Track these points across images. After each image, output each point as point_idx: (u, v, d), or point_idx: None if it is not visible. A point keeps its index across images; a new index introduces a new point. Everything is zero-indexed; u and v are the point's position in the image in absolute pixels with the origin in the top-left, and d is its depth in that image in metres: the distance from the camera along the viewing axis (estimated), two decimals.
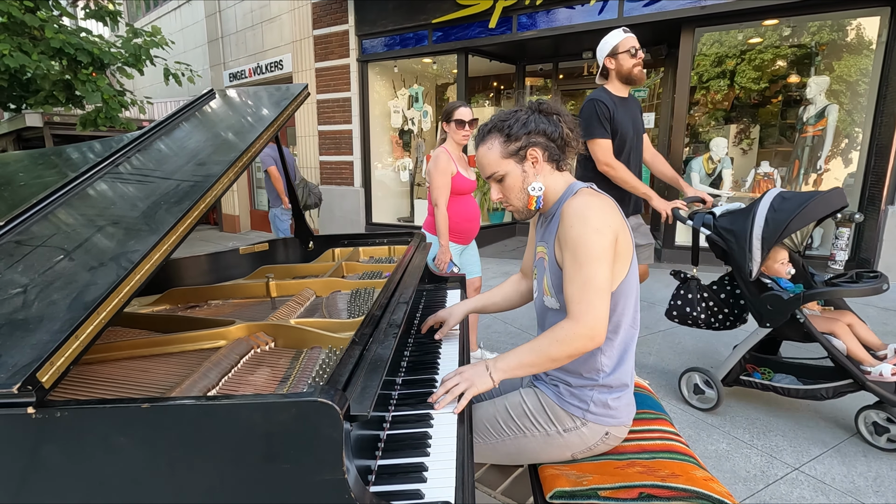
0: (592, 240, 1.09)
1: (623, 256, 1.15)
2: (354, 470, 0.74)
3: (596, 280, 1.08)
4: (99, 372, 1.12)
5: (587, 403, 1.21)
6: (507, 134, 1.21)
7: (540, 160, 1.22)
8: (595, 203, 1.14)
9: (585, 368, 1.21)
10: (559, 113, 1.23)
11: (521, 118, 1.21)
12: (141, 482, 0.73)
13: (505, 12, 5.61)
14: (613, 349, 1.21)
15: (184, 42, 9.82)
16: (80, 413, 0.72)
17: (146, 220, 1.09)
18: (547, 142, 1.21)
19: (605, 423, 1.22)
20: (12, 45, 4.99)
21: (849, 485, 1.85)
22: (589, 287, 1.08)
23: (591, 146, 2.42)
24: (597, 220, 1.11)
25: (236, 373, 1.12)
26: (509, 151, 1.22)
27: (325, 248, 2.27)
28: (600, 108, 2.37)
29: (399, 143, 7.41)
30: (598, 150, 2.40)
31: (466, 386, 1.13)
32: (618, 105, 2.43)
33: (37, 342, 0.75)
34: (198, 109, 1.81)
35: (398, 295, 1.39)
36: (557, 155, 1.23)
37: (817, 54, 5.18)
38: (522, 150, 1.21)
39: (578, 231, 1.10)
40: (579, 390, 1.22)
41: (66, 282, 0.89)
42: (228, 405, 0.72)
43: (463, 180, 2.65)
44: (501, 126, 1.22)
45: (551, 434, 1.23)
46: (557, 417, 1.23)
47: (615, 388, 1.22)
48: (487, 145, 1.25)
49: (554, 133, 1.21)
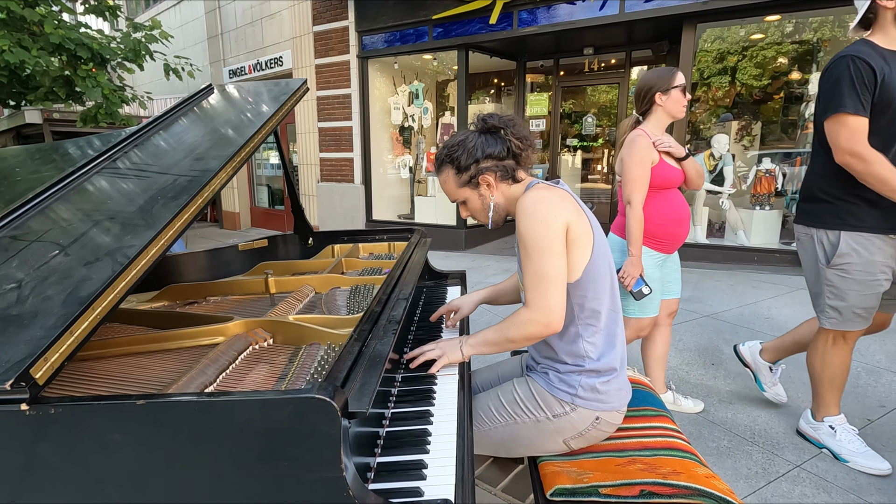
0: (539, 232, 1.13)
1: (580, 244, 1.18)
2: (353, 467, 0.73)
3: (545, 270, 1.13)
4: (96, 369, 1.11)
5: (575, 388, 1.23)
6: (456, 166, 1.27)
7: (493, 182, 1.27)
8: (542, 196, 1.17)
9: (571, 356, 1.23)
10: (505, 126, 1.26)
11: (468, 147, 1.26)
12: (137, 480, 0.72)
13: (506, 8, 5.58)
14: (597, 335, 1.22)
15: (183, 38, 9.79)
16: (74, 410, 0.71)
17: (143, 215, 1.08)
18: (496, 163, 1.26)
19: (594, 408, 1.23)
20: (11, 40, 4.97)
21: (851, 482, 1.85)
22: (540, 277, 1.13)
23: (833, 125, 1.68)
24: (543, 211, 1.14)
25: (234, 369, 1.11)
26: (462, 181, 1.28)
27: (324, 244, 2.26)
28: (858, 69, 1.61)
29: (399, 139, 7.39)
30: (842, 132, 1.66)
31: (439, 354, 1.25)
32: (891, 63, 1.62)
33: (30, 338, 0.74)
34: (196, 104, 1.80)
35: (398, 291, 1.38)
36: (511, 171, 1.27)
37: (819, 50, 5.15)
38: (474, 179, 1.27)
39: (525, 224, 1.15)
40: (567, 376, 1.24)
41: (62, 277, 0.88)
42: (225, 402, 0.71)
43: (667, 170, 2.04)
44: (451, 159, 1.28)
45: (541, 420, 1.25)
46: (547, 404, 1.25)
47: (603, 372, 1.23)
48: (443, 178, 1.32)
49: (502, 152, 1.26)
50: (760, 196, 5.30)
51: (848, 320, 1.85)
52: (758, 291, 4.18)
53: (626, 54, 6.39)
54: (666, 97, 2.00)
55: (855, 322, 1.84)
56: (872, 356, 2.90)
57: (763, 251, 5.09)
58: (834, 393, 1.99)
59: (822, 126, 1.75)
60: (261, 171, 9.34)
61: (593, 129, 7.07)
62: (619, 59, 6.57)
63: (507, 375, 1.48)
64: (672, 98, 1.99)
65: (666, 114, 2.04)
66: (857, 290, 1.80)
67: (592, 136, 7.16)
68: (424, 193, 7.12)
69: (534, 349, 1.36)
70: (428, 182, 7.02)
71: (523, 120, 7.02)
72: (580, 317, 1.21)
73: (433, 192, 6.92)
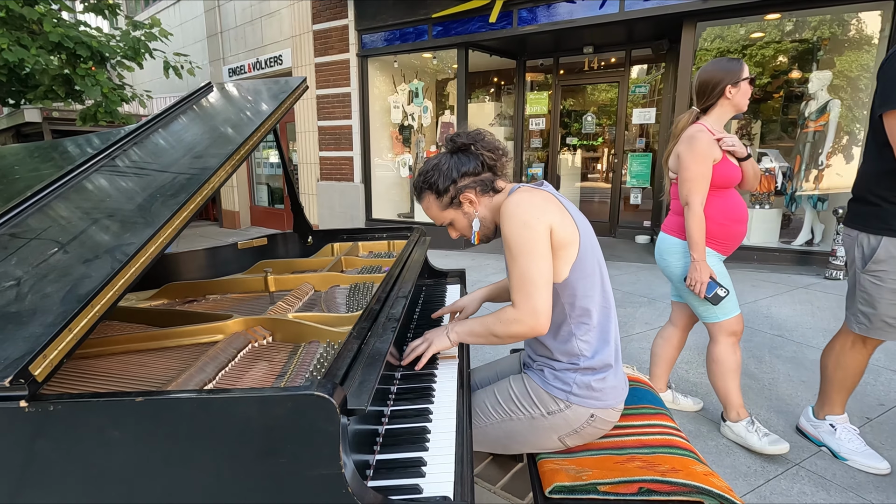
0: (521, 234, 1.14)
1: (565, 244, 1.18)
2: (352, 464, 0.73)
3: (529, 272, 1.13)
4: (96, 366, 1.11)
5: (570, 385, 1.23)
6: (436, 191, 1.29)
7: (474, 198, 1.29)
8: (524, 199, 1.18)
9: (565, 354, 1.24)
10: (474, 141, 1.28)
11: (442, 170, 1.28)
12: (136, 476, 0.72)
13: (505, 7, 5.57)
14: (591, 333, 1.23)
15: (183, 37, 9.77)
16: (73, 407, 0.71)
17: (142, 212, 1.08)
18: (474, 179, 1.28)
19: (589, 406, 1.23)
20: (11, 39, 4.96)
21: (850, 480, 1.85)
22: (525, 280, 1.14)
23: (891, 120, 1.59)
24: (525, 214, 1.15)
25: (234, 367, 1.11)
26: (444, 204, 1.31)
27: (324, 242, 2.26)
28: None
29: (399, 138, 7.38)
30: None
31: (426, 346, 1.28)
32: None
33: (29, 335, 0.74)
34: (195, 103, 1.80)
35: (397, 289, 1.38)
36: (490, 183, 1.29)
37: (819, 49, 5.15)
38: (455, 199, 1.29)
39: (508, 228, 1.16)
40: (562, 373, 1.24)
41: (61, 275, 0.88)
42: (224, 399, 0.71)
43: (729, 168, 1.91)
44: (428, 184, 1.30)
45: (535, 417, 1.26)
46: (542, 401, 1.25)
47: (598, 369, 1.23)
48: (425, 204, 1.34)
49: (477, 167, 1.27)
50: (760, 195, 5.31)
51: (876, 328, 1.79)
52: (757, 290, 4.19)
53: (626, 53, 6.38)
54: (736, 90, 1.90)
55: (883, 331, 1.78)
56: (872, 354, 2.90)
57: (762, 250, 5.09)
58: (842, 394, 1.97)
59: (878, 122, 1.66)
60: (260, 170, 9.33)
61: (593, 127, 7.06)
62: (619, 57, 6.57)
63: (506, 373, 1.49)
64: (742, 91, 1.90)
65: (732, 107, 1.94)
66: (888, 300, 1.73)
67: (592, 135, 7.15)
68: None
69: (529, 348, 1.36)
70: None
71: (523, 119, 7.03)
72: (572, 315, 1.21)
73: None
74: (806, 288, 4.25)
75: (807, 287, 4.27)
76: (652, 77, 6.81)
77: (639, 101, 6.65)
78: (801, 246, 5.08)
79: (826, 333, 3.23)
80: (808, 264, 4.91)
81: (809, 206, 5.04)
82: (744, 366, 2.79)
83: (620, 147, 6.72)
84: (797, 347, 3.04)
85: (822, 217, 5.10)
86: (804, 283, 4.41)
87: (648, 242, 6.34)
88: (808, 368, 2.75)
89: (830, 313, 3.61)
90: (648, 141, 6.79)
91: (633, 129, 6.84)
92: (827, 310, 3.69)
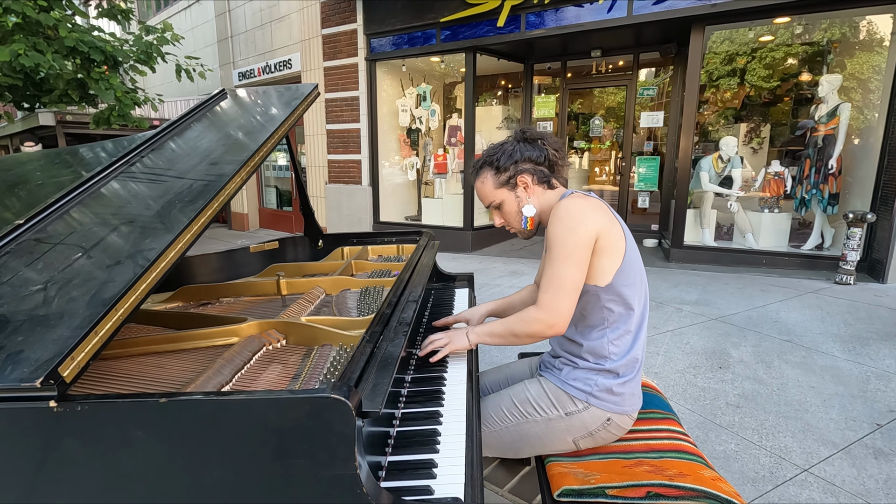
0: (566, 239, 1.17)
1: (611, 251, 1.21)
2: (366, 465, 0.75)
3: (562, 276, 1.16)
4: (116, 367, 1.14)
5: (591, 387, 1.25)
6: (496, 167, 1.33)
7: (530, 184, 1.32)
8: (576, 204, 1.21)
9: (593, 354, 1.26)
10: (543, 137, 1.34)
11: (507, 150, 1.32)
12: (158, 475, 0.74)
13: (513, 11, 5.59)
14: (623, 339, 1.25)
15: (194, 41, 9.89)
16: (99, 407, 0.74)
17: (161, 218, 1.11)
18: (534, 167, 1.32)
19: (607, 409, 1.25)
20: (27, 44, 5.05)
21: (859, 487, 1.84)
22: (555, 282, 1.17)
23: None
24: (573, 220, 1.18)
25: (249, 369, 1.14)
26: (501, 182, 1.34)
27: (334, 246, 2.29)
28: None
29: (407, 141, 7.42)
30: None
31: (446, 342, 1.31)
32: None
33: (58, 338, 0.77)
34: (209, 109, 1.83)
35: (407, 293, 1.40)
36: (547, 176, 1.33)
37: (829, 52, 5.12)
38: (512, 179, 1.32)
39: (553, 229, 1.20)
40: (585, 373, 1.26)
41: (85, 279, 0.91)
42: (244, 401, 0.74)
43: None
44: (491, 160, 1.34)
45: (553, 418, 1.27)
46: (560, 401, 1.27)
47: (621, 374, 1.25)
48: (481, 179, 1.37)
49: (540, 157, 1.32)
50: (769, 199, 5.28)
51: None
52: (766, 295, 4.17)
53: (634, 56, 6.38)
54: None
55: None
56: (882, 361, 2.88)
57: (772, 254, 5.06)
58: None
59: None
60: (269, 173, 9.41)
61: (600, 131, 7.06)
62: (626, 61, 6.57)
63: (516, 377, 1.50)
64: None
65: None
66: None
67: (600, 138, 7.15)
68: (432, 195, 7.14)
69: (556, 343, 1.38)
70: (435, 184, 7.05)
71: (530, 122, 7.03)
72: (609, 319, 1.24)
73: (440, 194, 6.94)
74: (815, 293, 4.22)
75: (816, 292, 4.24)
76: (660, 80, 6.79)
77: (647, 104, 6.64)
78: (810, 250, 5.04)
79: (835, 339, 3.21)
80: (817, 269, 4.87)
81: (819, 211, 5.01)
82: (752, 371, 2.79)
83: (628, 150, 6.71)
84: (806, 353, 3.02)
85: (831, 221, 5.06)
86: (814, 287, 4.38)
87: (656, 246, 6.32)
88: (818, 374, 2.74)
89: (840, 318, 3.58)
90: (656, 144, 6.78)
91: (641, 132, 6.84)
92: (837, 315, 3.66)
